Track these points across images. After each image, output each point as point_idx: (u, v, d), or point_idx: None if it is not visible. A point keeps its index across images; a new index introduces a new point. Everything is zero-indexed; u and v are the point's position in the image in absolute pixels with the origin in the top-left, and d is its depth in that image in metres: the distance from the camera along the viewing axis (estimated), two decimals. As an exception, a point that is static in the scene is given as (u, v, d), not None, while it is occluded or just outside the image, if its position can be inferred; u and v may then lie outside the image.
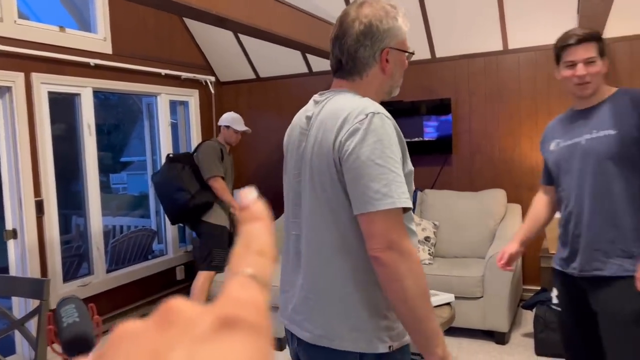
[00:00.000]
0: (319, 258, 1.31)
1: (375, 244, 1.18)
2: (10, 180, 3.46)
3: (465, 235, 4.01)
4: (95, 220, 3.99)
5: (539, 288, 3.71)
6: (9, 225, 3.48)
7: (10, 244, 3.49)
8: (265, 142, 5.21)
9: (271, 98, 5.21)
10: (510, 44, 4.16)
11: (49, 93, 3.65)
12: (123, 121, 8.81)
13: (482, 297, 3.48)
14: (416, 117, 4.44)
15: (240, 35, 4.80)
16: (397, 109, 4.33)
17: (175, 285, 4.69)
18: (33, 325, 2.45)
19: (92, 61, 3.90)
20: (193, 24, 4.84)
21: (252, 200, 0.30)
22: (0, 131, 3.44)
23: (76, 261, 4.55)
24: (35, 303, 1.84)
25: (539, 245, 3.94)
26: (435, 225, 4.08)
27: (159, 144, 4.68)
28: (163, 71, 4.54)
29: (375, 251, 1.18)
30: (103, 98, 5.89)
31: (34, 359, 1.77)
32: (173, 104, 4.84)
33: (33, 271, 3.49)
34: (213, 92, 5.20)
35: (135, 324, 0.23)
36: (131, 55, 4.29)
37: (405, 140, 1.29)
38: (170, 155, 3.93)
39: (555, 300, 3.22)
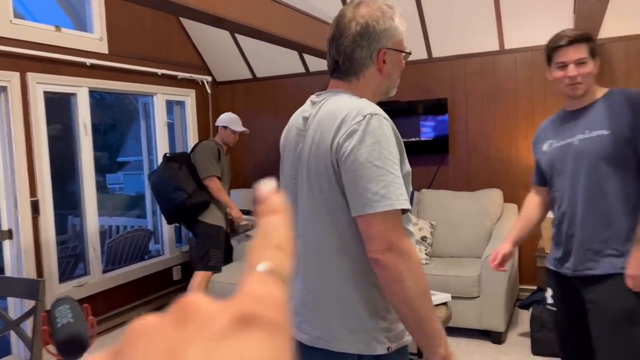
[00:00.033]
0: (317, 260, 1.30)
1: (374, 246, 1.18)
2: (6, 181, 3.45)
3: (462, 235, 4.02)
4: (92, 220, 3.98)
5: (535, 288, 3.71)
6: (5, 226, 3.47)
7: (6, 244, 3.48)
8: (262, 142, 5.20)
9: (268, 98, 5.21)
10: (506, 44, 4.17)
11: (45, 93, 3.64)
12: (119, 121, 8.79)
13: (479, 297, 3.48)
14: (413, 117, 4.45)
15: (237, 35, 4.79)
16: (394, 109, 4.33)
17: (172, 286, 4.68)
18: (29, 326, 2.44)
19: (88, 61, 3.89)
20: (190, 24, 4.83)
21: (271, 192, 0.29)
22: (-4, 131, 3.43)
23: (72, 261, 4.54)
24: (31, 304, 1.83)
25: (535, 245, 3.94)
26: (432, 225, 4.08)
27: (156, 144, 4.67)
28: (159, 71, 4.53)
29: (375, 253, 1.18)
30: (99, 98, 5.88)
31: (29, 359, 1.76)
32: (169, 104, 4.83)
33: (28, 271, 3.48)
34: (209, 92, 5.20)
35: (151, 319, 0.23)
36: (127, 55, 4.27)
37: (402, 140, 1.29)
38: (167, 155, 3.92)
39: (549, 300, 3.23)
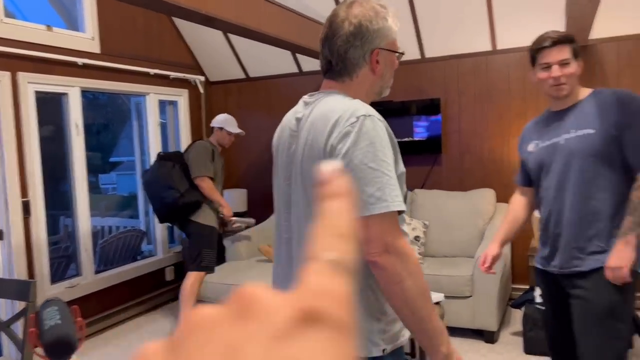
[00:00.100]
0: None
1: (372, 249, 1.17)
2: (-3, 181, 3.42)
3: (455, 234, 4.03)
4: (84, 220, 3.95)
5: (528, 287, 3.73)
6: (-4, 226, 3.44)
7: (-3, 245, 3.45)
8: (255, 142, 5.19)
9: (261, 98, 5.20)
10: (498, 44, 4.19)
11: (36, 92, 3.62)
12: (112, 121, 8.74)
13: (472, 297, 3.49)
14: (406, 117, 4.45)
15: (230, 35, 4.78)
16: (387, 109, 4.34)
17: (165, 286, 4.66)
18: (20, 328, 2.42)
19: (80, 60, 3.87)
20: (182, 24, 4.82)
21: (333, 174, 0.27)
22: (-14, 131, 3.40)
23: (64, 262, 4.51)
24: (22, 305, 1.82)
25: (528, 245, 3.96)
26: (425, 224, 4.09)
27: (148, 144, 4.65)
28: (152, 71, 4.51)
29: (373, 255, 1.17)
30: (92, 97, 5.84)
31: (20, 361, 1.74)
32: (162, 104, 4.81)
33: (19, 272, 3.46)
34: (202, 92, 5.18)
35: (209, 311, 0.22)
36: (119, 55, 4.25)
37: (396, 140, 1.29)
38: (161, 154, 3.91)
39: (538, 300, 3.25)
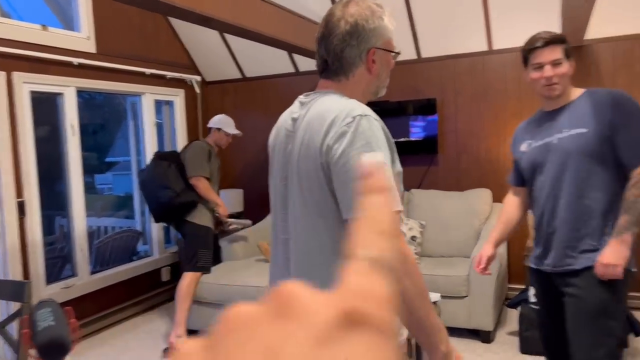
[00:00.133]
0: (309, 262, 1.29)
1: None
2: (-8, 181, 3.40)
3: (451, 234, 4.04)
4: (79, 221, 3.94)
5: (524, 287, 3.74)
6: (-9, 227, 3.42)
7: (-8, 245, 3.43)
8: (251, 142, 5.18)
9: (257, 98, 5.19)
10: (495, 44, 4.19)
11: (32, 92, 3.60)
12: (109, 121, 8.72)
13: (468, 297, 3.50)
14: (403, 117, 4.46)
15: (226, 35, 4.77)
16: (384, 109, 4.34)
17: (161, 287, 4.65)
18: (15, 329, 2.41)
19: (76, 60, 3.86)
20: (178, 23, 4.81)
21: (375, 167, 0.26)
22: (-19, 131, 3.38)
23: (60, 263, 4.50)
24: (17, 306, 1.81)
25: (524, 244, 3.97)
26: (421, 224, 4.10)
27: (144, 144, 4.64)
28: (148, 70, 4.50)
29: None
30: (88, 97, 5.82)
31: (15, 362, 1.73)
32: (158, 104, 4.80)
33: (15, 273, 3.44)
34: (198, 92, 5.17)
35: (248, 309, 0.21)
36: (115, 55, 4.24)
37: (393, 140, 1.28)
38: (158, 153, 3.90)
39: (533, 299, 3.25)
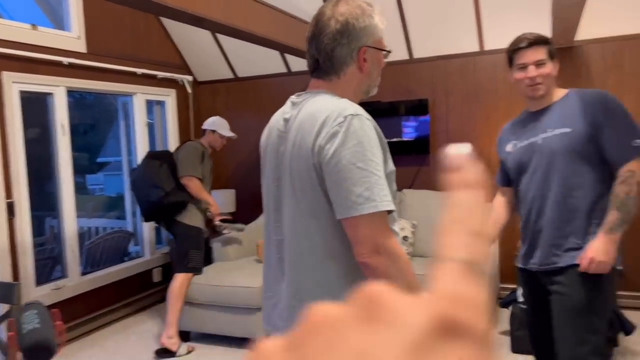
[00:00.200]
0: (302, 264, 1.29)
1: (362, 249, 1.17)
2: (-19, 182, 3.37)
3: (443, 234, 4.04)
4: (70, 221, 3.91)
5: (515, 286, 3.75)
6: (-21, 228, 3.39)
7: (-19, 246, 3.40)
8: (243, 142, 5.16)
9: (250, 98, 5.18)
10: (486, 45, 4.21)
11: (21, 92, 3.57)
12: (100, 121, 8.67)
13: (460, 296, 3.50)
14: (395, 118, 4.46)
15: (218, 35, 4.76)
16: (376, 110, 4.34)
17: (152, 288, 4.62)
18: (4, 331, 2.39)
19: (66, 60, 3.83)
20: (170, 23, 4.79)
21: (465, 160, 0.24)
22: (-30, 131, 3.35)
23: (50, 264, 4.46)
24: (6, 308, 1.79)
25: (515, 244, 3.98)
26: (413, 224, 4.10)
27: (135, 144, 4.61)
28: (139, 70, 4.47)
29: (364, 256, 1.17)
30: (79, 97, 5.79)
31: (4, 364, 1.72)
32: (149, 104, 4.78)
33: (4, 275, 3.40)
34: (190, 92, 5.15)
35: (334, 310, 0.20)
36: (106, 54, 4.21)
37: (385, 139, 1.28)
38: (150, 152, 3.89)
39: (520, 299, 3.27)
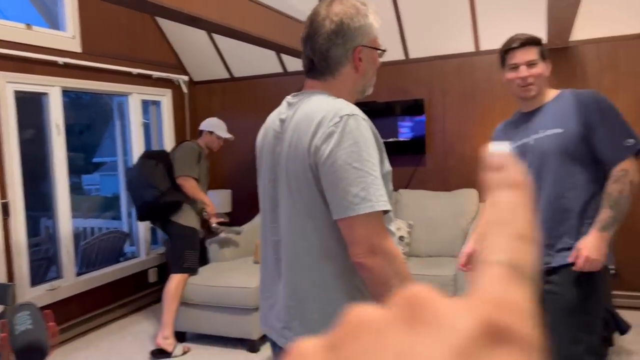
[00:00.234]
0: (299, 264, 1.29)
1: (358, 250, 1.17)
2: (-25, 182, 3.36)
3: (439, 234, 4.05)
4: (65, 222, 3.89)
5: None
6: (-26, 228, 3.37)
7: (-25, 247, 3.38)
8: (240, 142, 5.16)
9: (246, 98, 5.18)
10: (482, 45, 4.22)
11: (16, 92, 3.56)
12: (96, 121, 8.65)
13: (455, 296, 3.51)
14: (391, 118, 4.47)
15: (214, 35, 4.75)
16: (372, 110, 4.34)
17: (148, 288, 4.61)
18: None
19: (61, 60, 3.81)
20: (166, 23, 4.78)
21: (506, 158, 0.22)
22: (-36, 131, 3.33)
23: (45, 264, 4.45)
24: (0, 309, 1.78)
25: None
26: (409, 224, 4.11)
27: (131, 144, 4.60)
28: (134, 70, 4.46)
29: (359, 257, 1.17)
30: (75, 97, 5.78)
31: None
32: (145, 104, 4.77)
33: (-1, 275, 3.39)
34: (186, 92, 5.14)
35: (374, 312, 0.19)
36: (101, 54, 4.20)
37: (381, 139, 1.28)
38: (146, 152, 3.88)
39: None
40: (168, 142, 4.89)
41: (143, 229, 4.60)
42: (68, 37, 3.95)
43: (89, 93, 4.45)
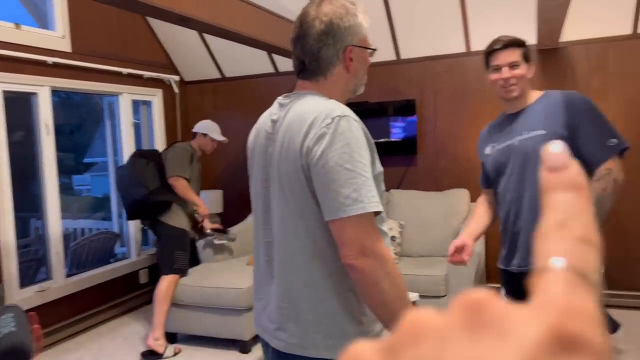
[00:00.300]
0: (292, 265, 1.28)
1: (348, 251, 1.16)
2: (-37, 183, 3.32)
3: (430, 234, 4.06)
4: (54, 223, 3.86)
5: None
6: (-38, 230, 3.34)
7: (-37, 248, 3.35)
8: (231, 142, 5.14)
9: (237, 98, 5.16)
10: (472, 46, 4.23)
11: (4, 92, 3.52)
12: (86, 121, 8.59)
13: (446, 296, 3.52)
14: (383, 118, 4.47)
15: (205, 35, 4.73)
16: (364, 110, 4.35)
17: (138, 289, 4.58)
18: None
19: (50, 59, 3.78)
20: (156, 23, 4.75)
21: (565, 159, 0.22)
22: (-48, 131, 3.30)
23: (34, 266, 4.41)
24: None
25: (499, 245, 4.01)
26: (401, 225, 4.11)
27: (121, 144, 4.57)
28: (125, 70, 4.44)
29: (349, 258, 1.16)
30: (65, 97, 5.73)
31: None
32: (136, 104, 4.74)
33: (-13, 277, 3.36)
34: (177, 92, 5.12)
35: (434, 317, 0.19)
36: (91, 54, 4.17)
37: (373, 140, 1.28)
38: (137, 151, 3.86)
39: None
40: (159, 143, 4.86)
41: (134, 229, 4.57)
42: (58, 37, 3.92)
43: (79, 93, 4.42)
